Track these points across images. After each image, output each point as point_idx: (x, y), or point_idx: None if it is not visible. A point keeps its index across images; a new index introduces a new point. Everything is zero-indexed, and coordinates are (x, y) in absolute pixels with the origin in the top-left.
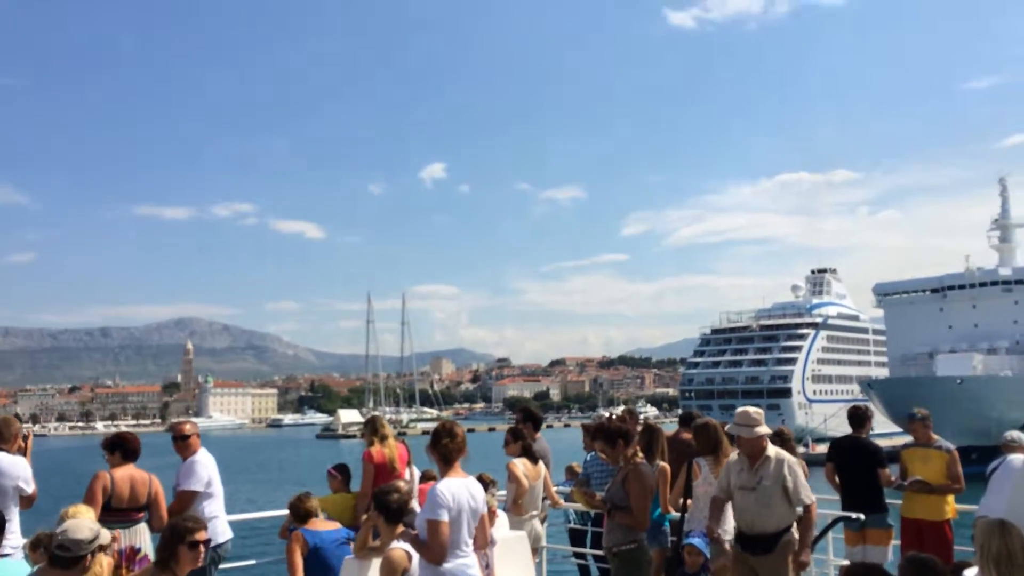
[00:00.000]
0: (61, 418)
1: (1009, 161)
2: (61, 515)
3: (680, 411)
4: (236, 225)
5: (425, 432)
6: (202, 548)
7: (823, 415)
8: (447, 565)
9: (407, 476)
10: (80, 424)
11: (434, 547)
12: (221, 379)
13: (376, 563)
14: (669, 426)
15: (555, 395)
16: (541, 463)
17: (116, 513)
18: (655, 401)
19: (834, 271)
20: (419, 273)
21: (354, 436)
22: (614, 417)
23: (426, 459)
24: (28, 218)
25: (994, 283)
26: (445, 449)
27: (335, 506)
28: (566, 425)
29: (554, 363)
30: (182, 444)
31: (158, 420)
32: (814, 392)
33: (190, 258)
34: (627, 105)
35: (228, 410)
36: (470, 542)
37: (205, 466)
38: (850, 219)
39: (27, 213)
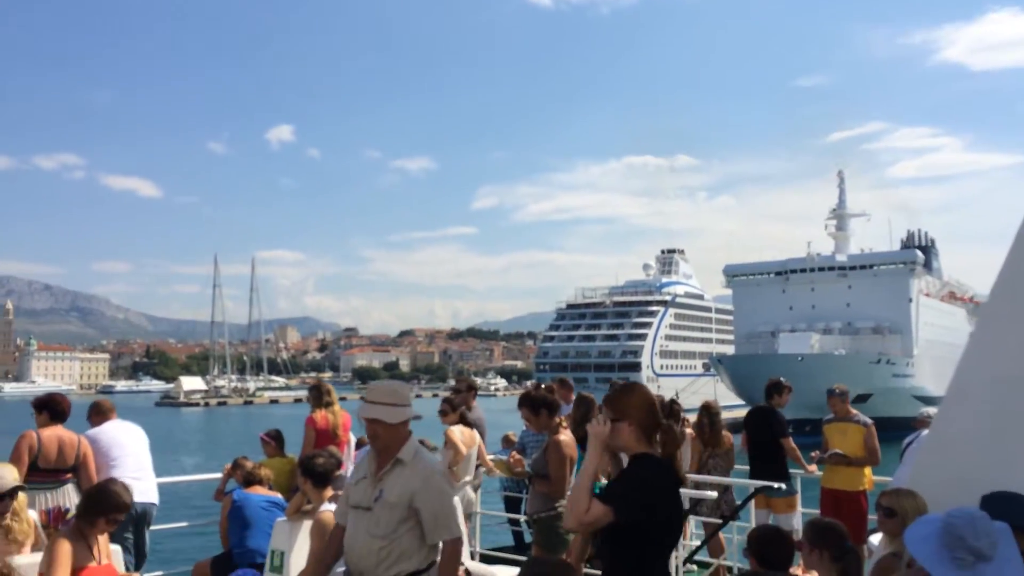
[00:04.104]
0: None
1: (835, 155)
2: None
3: (530, 383)
4: (62, 178)
5: (273, 400)
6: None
7: (672, 389)
8: None
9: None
10: None
11: None
12: (43, 342)
13: (307, 525)
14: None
15: (404, 366)
16: (475, 431)
17: (43, 473)
18: (504, 373)
19: (682, 252)
20: (263, 237)
21: (197, 404)
22: (542, 386)
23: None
24: None
25: (831, 268)
26: None
27: (271, 471)
28: (417, 396)
29: (403, 333)
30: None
31: None
32: (662, 367)
33: (8, 212)
34: (481, 78)
35: (53, 375)
36: None
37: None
38: (690, 202)
39: None
